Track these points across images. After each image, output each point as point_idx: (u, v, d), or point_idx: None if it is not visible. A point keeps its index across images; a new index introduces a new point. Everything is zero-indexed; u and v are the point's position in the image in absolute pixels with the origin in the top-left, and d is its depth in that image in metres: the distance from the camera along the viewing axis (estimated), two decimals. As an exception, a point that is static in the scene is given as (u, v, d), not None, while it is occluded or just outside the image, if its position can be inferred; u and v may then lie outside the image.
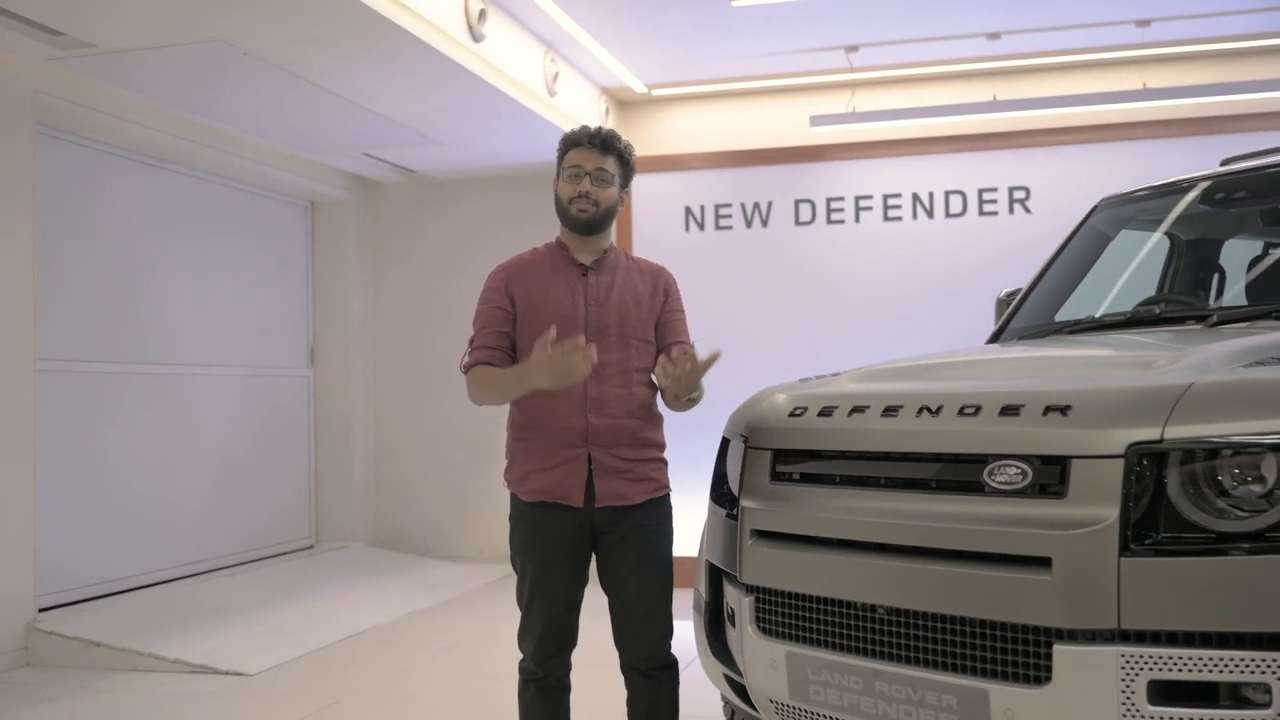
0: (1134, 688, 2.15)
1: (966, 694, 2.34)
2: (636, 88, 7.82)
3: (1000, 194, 7.38)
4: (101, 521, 6.48)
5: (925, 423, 2.56)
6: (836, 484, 2.73)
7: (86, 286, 6.48)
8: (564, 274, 3.18)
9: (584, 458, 3.06)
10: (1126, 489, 2.21)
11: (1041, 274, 4.14)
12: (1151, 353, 2.69)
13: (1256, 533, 2.13)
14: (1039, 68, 7.30)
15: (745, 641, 2.84)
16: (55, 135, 6.24)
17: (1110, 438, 2.25)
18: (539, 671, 3.17)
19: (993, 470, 2.39)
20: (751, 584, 2.83)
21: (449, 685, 5.18)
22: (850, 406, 2.75)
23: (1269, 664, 2.07)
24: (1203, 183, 3.99)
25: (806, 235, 7.71)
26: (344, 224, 8.59)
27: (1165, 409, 2.23)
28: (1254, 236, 4.06)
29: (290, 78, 5.91)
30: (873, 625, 2.53)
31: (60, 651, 5.56)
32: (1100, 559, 2.20)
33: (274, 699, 4.94)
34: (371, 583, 7.42)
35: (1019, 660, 2.28)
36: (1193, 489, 2.19)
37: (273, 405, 8.12)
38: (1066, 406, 2.35)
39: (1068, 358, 2.92)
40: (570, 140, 3.18)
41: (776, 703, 2.77)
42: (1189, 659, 2.12)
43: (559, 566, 3.12)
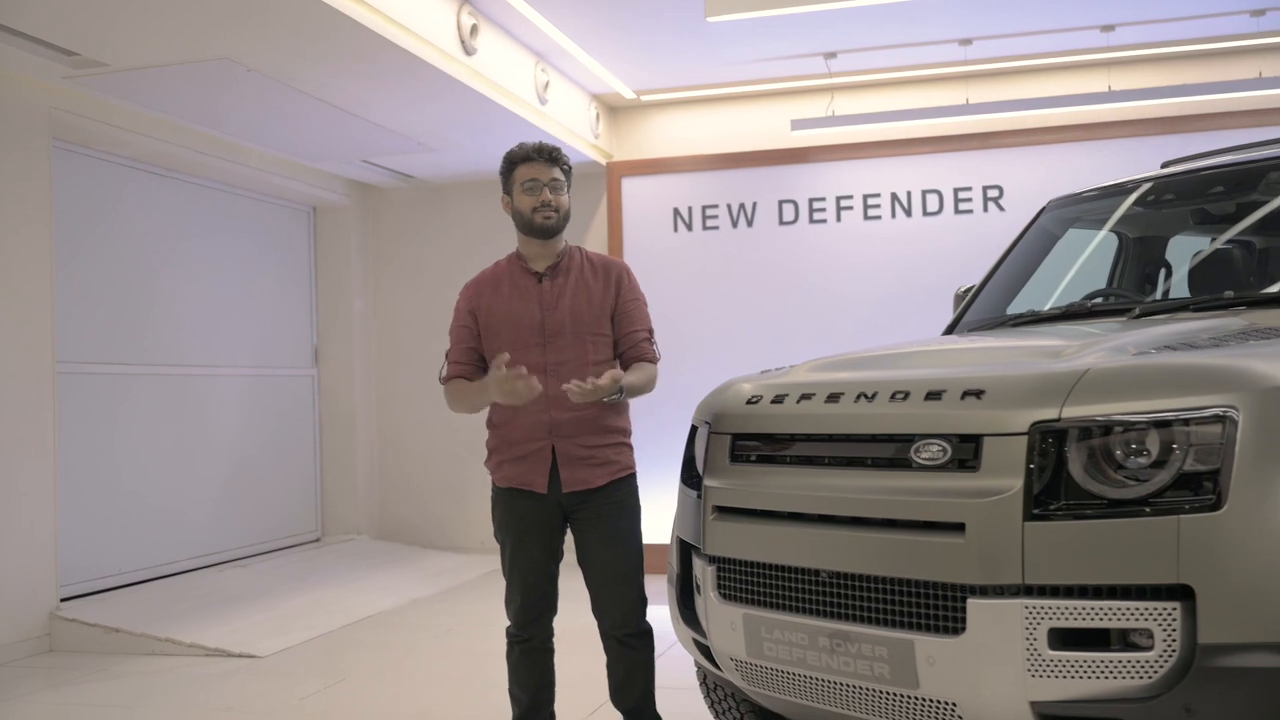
0: (1036, 635, 2.45)
1: (895, 645, 2.65)
2: (626, 94, 8.12)
3: (975, 193, 7.69)
4: (118, 515, 6.80)
5: (862, 407, 2.87)
6: (787, 463, 3.04)
7: (101, 292, 6.80)
8: (520, 284, 3.51)
9: (548, 449, 3.40)
10: (1030, 462, 2.52)
11: (993, 271, 4.45)
12: (1065, 342, 2.99)
13: (1142, 499, 2.43)
14: (1009, 71, 7.59)
15: (708, 607, 3.16)
16: (70, 149, 6.56)
17: (1016, 418, 2.56)
18: (523, 634, 3.52)
19: (918, 448, 2.71)
20: (713, 555, 3.15)
21: (450, 663, 5.50)
22: (799, 394, 3.07)
23: (1152, 612, 2.38)
24: (1144, 184, 4.30)
25: (790, 234, 8.02)
26: (345, 228, 8.90)
27: (1064, 392, 2.55)
28: (1192, 233, 4.36)
29: (291, 91, 6.22)
30: (816, 588, 2.84)
31: (81, 637, 5.88)
32: (1007, 524, 2.51)
33: (284, 678, 5.26)
34: (376, 572, 7.74)
35: (939, 613, 2.59)
36: (1087, 461, 2.49)
37: (279, 404, 8.43)
38: (981, 391, 2.66)
39: (995, 348, 3.22)
40: (519, 157, 3.51)
41: (736, 660, 3.09)
42: (1083, 609, 2.43)
43: (532, 543, 3.47)
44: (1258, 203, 3.95)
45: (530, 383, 3.24)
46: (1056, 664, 2.44)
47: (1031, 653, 2.46)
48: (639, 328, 3.58)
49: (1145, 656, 2.38)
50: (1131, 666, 2.39)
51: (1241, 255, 3.93)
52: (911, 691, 2.63)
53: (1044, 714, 2.48)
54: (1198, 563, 2.35)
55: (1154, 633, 2.38)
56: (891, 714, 2.71)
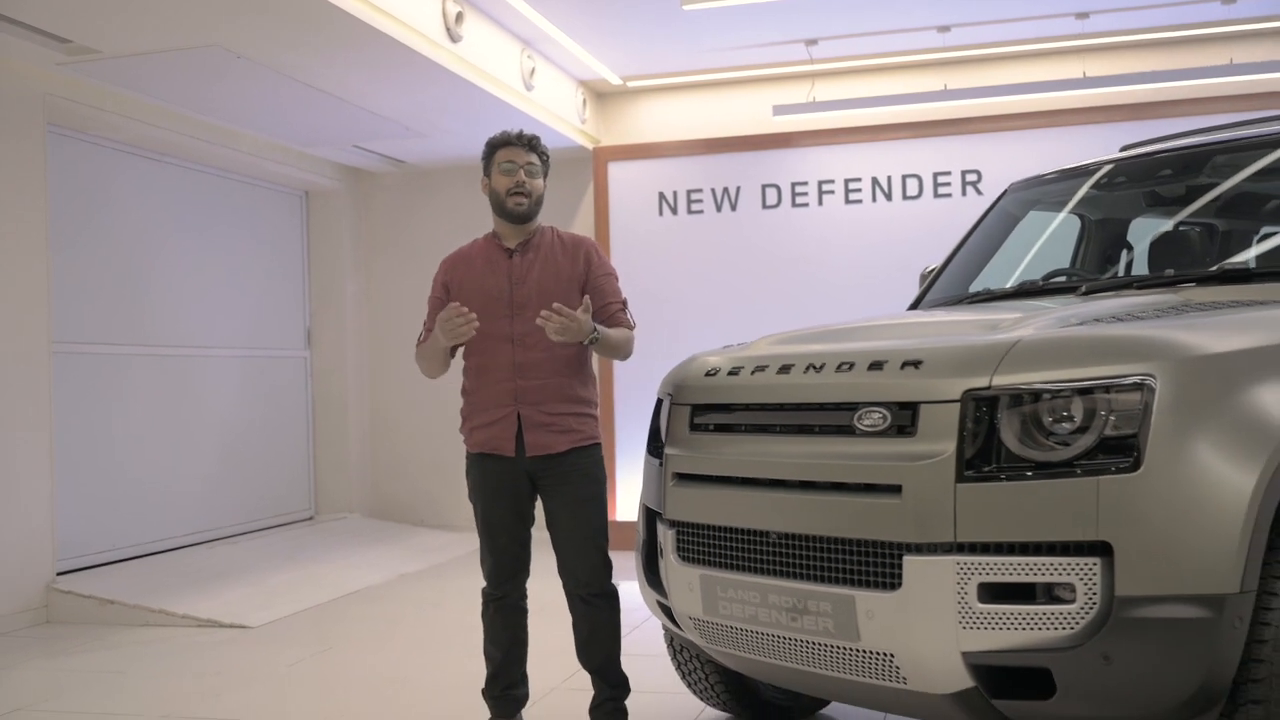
0: (967, 590, 2.62)
1: (838, 600, 2.81)
2: (612, 80, 8.25)
3: (954, 177, 7.84)
4: (113, 493, 6.96)
5: (810, 378, 3.03)
6: (741, 432, 3.21)
7: (97, 274, 6.95)
8: (492, 260, 3.69)
9: (514, 415, 3.57)
10: (962, 427, 2.68)
11: (955, 251, 4.61)
12: (1004, 317, 3.15)
13: (1065, 461, 2.59)
14: (986, 58, 7.73)
15: (669, 569, 3.33)
16: (64, 134, 6.70)
17: (950, 386, 2.72)
18: (497, 593, 3.71)
19: (861, 415, 2.87)
20: (673, 519, 3.32)
21: (433, 633, 5.66)
22: (754, 366, 3.23)
23: (1073, 567, 2.54)
24: (1103, 167, 4.44)
25: (773, 218, 8.17)
26: (337, 212, 9.05)
27: (994, 362, 2.71)
28: (1145, 215, 4.50)
29: (282, 78, 6.36)
30: (767, 548, 3.01)
31: (77, 609, 6.05)
32: (940, 485, 2.67)
33: (274, 646, 5.43)
34: (367, 549, 7.91)
35: (878, 570, 2.76)
36: (1016, 426, 2.65)
37: (272, 384, 8.59)
38: (919, 361, 2.82)
39: (939, 322, 3.37)
40: (499, 142, 3.69)
41: (694, 619, 3.26)
42: (1011, 565, 2.59)
43: (502, 506, 3.66)
44: (1204, 186, 4.10)
45: (468, 318, 3.43)
46: (985, 616, 2.60)
47: (962, 606, 2.62)
48: (611, 299, 3.74)
49: (1068, 609, 2.54)
50: (1055, 618, 2.55)
51: (1189, 236, 4.08)
52: (853, 644, 2.80)
53: (974, 664, 2.64)
54: (1116, 521, 2.51)
55: (1076, 586, 2.54)
56: (835, 666, 2.87)
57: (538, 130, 7.74)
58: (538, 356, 3.59)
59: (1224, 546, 2.48)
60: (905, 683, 2.76)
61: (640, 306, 8.12)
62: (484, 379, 3.63)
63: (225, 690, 4.67)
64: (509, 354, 3.58)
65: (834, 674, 2.90)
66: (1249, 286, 3.42)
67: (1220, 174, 4.05)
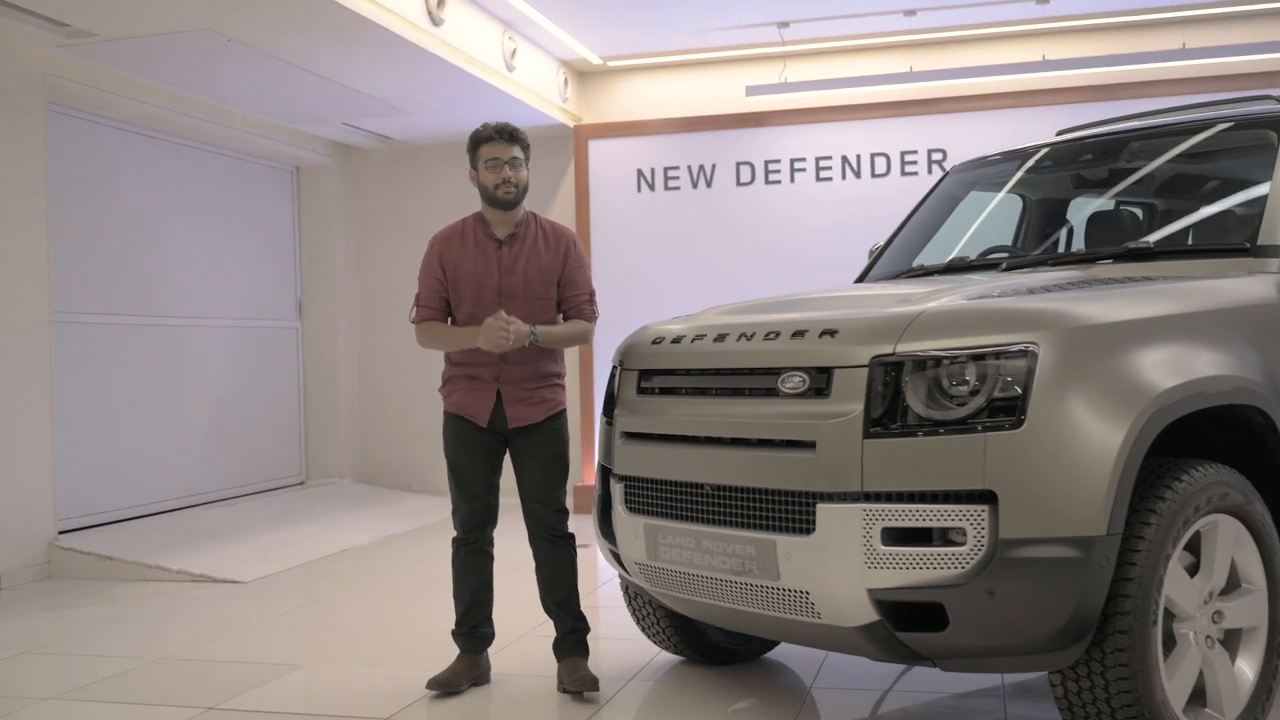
0: (872, 534, 2.95)
1: (761, 544, 3.15)
2: (593, 60, 8.53)
3: (920, 156, 8.14)
4: (112, 456, 7.28)
5: (741, 345, 3.36)
6: (682, 394, 3.54)
7: (95, 247, 7.25)
8: (484, 248, 4.01)
9: (494, 391, 3.94)
10: (869, 389, 3.00)
11: (899, 230, 4.93)
12: (918, 290, 3.46)
13: (959, 420, 2.92)
14: (951, 40, 8.01)
15: (617, 519, 3.67)
16: (64, 112, 6.99)
17: (860, 352, 3.05)
18: (468, 538, 4.08)
19: (784, 379, 3.19)
20: (621, 474, 3.65)
21: (414, 587, 6.00)
22: (694, 335, 3.56)
23: (964, 513, 2.87)
24: (1039, 151, 4.75)
25: (747, 195, 8.48)
26: (327, 187, 9.34)
27: (899, 331, 3.03)
28: (1077, 196, 4.81)
29: (270, 59, 6.64)
30: (701, 499, 3.34)
31: (78, 565, 6.38)
32: (849, 441, 2.99)
33: (263, 599, 5.77)
34: (355, 512, 8.24)
35: (795, 517, 3.09)
36: (917, 388, 2.98)
37: (265, 354, 8.91)
38: (835, 330, 3.15)
39: (865, 295, 3.67)
40: (482, 138, 4.00)
41: (639, 564, 3.60)
42: (910, 511, 2.92)
43: (474, 460, 4.02)
44: (1124, 170, 4.41)
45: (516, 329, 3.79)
46: (888, 557, 2.93)
47: (868, 548, 2.95)
48: (581, 291, 4.08)
49: (959, 550, 2.87)
50: (948, 559, 2.88)
51: (1109, 216, 4.41)
52: (774, 583, 3.14)
53: (878, 599, 2.97)
54: (1001, 472, 2.84)
55: (966, 530, 2.87)
56: (760, 604, 3.21)
57: (520, 110, 8.11)
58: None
59: (1093, 494, 2.80)
60: (820, 617, 3.09)
61: (618, 280, 8.54)
62: (471, 356, 3.98)
63: (217, 637, 5.01)
64: None
65: (759, 611, 3.24)
66: (1150, 264, 3.75)
67: (1138, 159, 4.37)
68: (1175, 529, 2.93)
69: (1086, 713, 2.96)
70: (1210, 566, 3.10)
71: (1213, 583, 3.10)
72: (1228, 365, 3.17)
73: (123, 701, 4.08)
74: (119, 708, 4.01)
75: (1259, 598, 3.20)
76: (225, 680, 4.30)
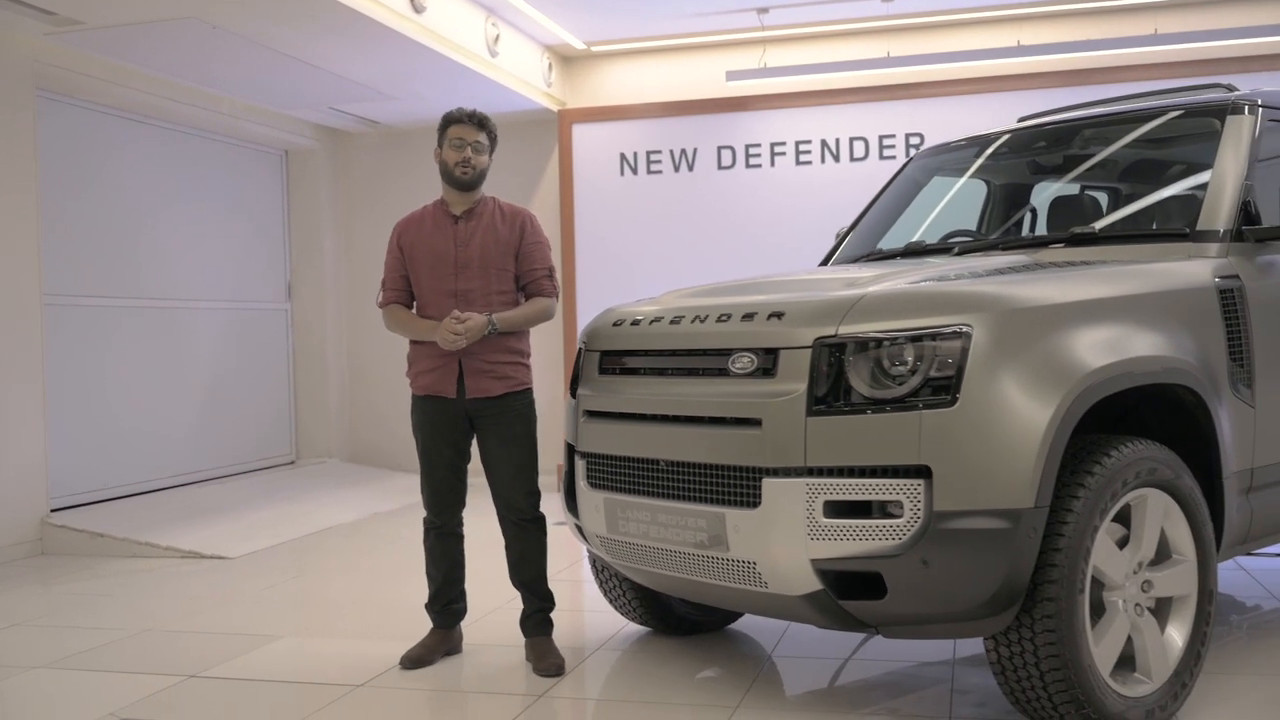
0: (814, 506, 3.09)
1: (711, 517, 3.29)
2: (576, 45, 8.64)
3: (898, 139, 8.26)
4: (104, 436, 7.43)
5: (695, 327, 3.50)
6: (640, 374, 3.68)
7: (86, 231, 7.37)
8: (440, 224, 4.15)
9: (455, 362, 4.04)
10: (813, 369, 3.14)
11: (863, 214, 5.06)
12: (864, 274, 3.60)
13: (897, 398, 3.06)
14: (928, 25, 8.11)
15: (580, 494, 3.82)
16: (54, 98, 7.10)
17: (804, 334, 3.19)
18: (437, 521, 4.20)
19: (734, 360, 3.34)
20: (584, 451, 3.80)
21: (397, 563, 6.14)
22: (652, 317, 3.70)
23: (901, 487, 3.01)
24: (1000, 137, 4.88)
25: (728, 178, 8.60)
26: (316, 171, 9.46)
27: (842, 313, 3.17)
28: (1034, 181, 4.94)
29: (256, 46, 6.76)
30: (657, 474, 3.49)
31: (69, 542, 6.54)
32: (793, 418, 3.14)
33: (249, 574, 5.92)
34: (343, 490, 8.40)
35: (743, 491, 3.23)
36: (857, 368, 3.12)
37: (255, 336, 9.05)
38: (782, 313, 3.29)
39: (816, 279, 3.79)
40: (453, 118, 4.15)
41: (600, 537, 3.75)
42: (851, 485, 3.07)
43: (442, 442, 4.13)
44: (1078, 157, 4.55)
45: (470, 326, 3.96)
46: (830, 529, 3.08)
47: (811, 520, 3.10)
48: (539, 266, 4.19)
49: (896, 522, 3.02)
50: (886, 530, 3.02)
51: (1063, 201, 4.54)
52: (724, 554, 3.28)
53: (821, 569, 3.12)
54: (935, 448, 2.99)
55: (903, 503, 3.01)
56: (711, 574, 3.36)
57: (504, 95, 8.24)
58: (477, 311, 4.04)
59: (1022, 469, 2.95)
60: (767, 587, 3.24)
61: (601, 262, 8.68)
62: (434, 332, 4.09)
63: (201, 610, 5.17)
64: (452, 308, 4.04)
65: (710, 581, 3.39)
66: (1097, 248, 3.88)
67: (1092, 146, 4.51)
68: (1103, 502, 3.08)
69: (1018, 676, 3.11)
70: (1139, 538, 3.24)
71: (1142, 553, 3.25)
72: (1159, 346, 3.32)
73: (107, 670, 4.23)
74: (103, 676, 4.16)
75: (1189, 568, 3.35)
76: (207, 650, 4.45)
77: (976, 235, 4.85)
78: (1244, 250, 3.76)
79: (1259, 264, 3.78)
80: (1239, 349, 3.58)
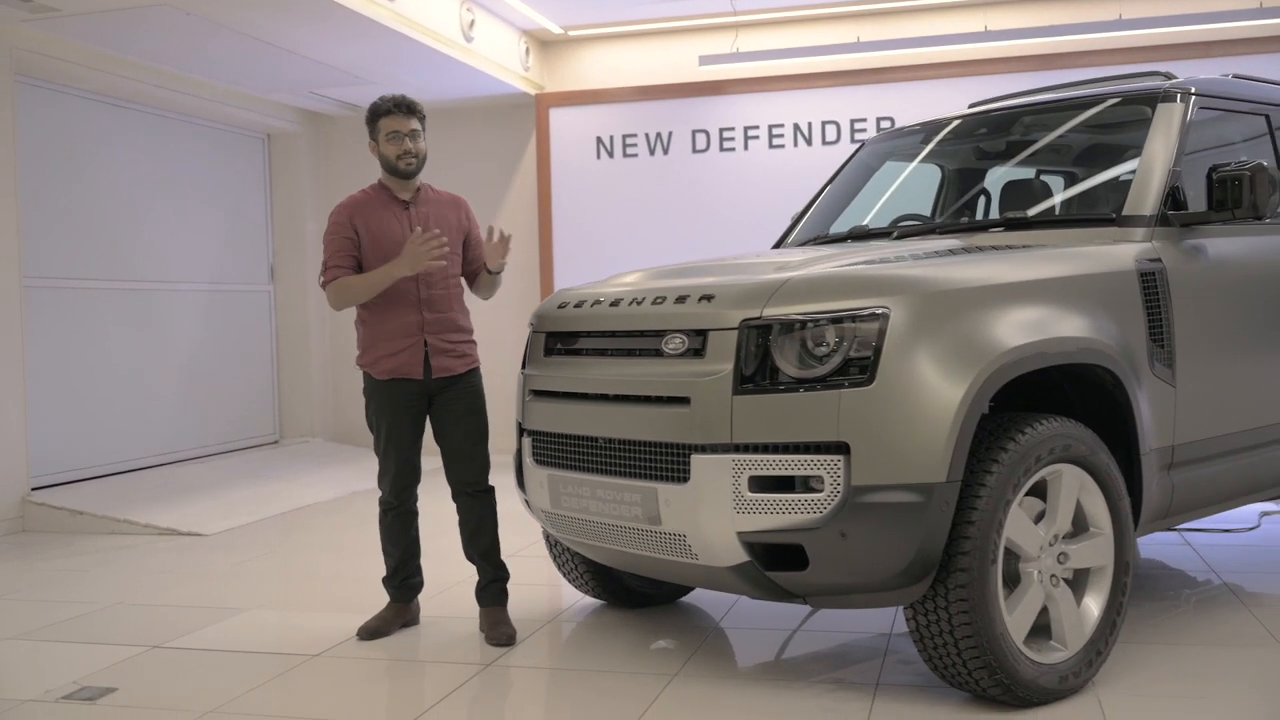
0: (740, 481, 3.22)
1: (644, 492, 3.43)
2: (554, 29, 8.75)
3: (869, 123, 8.37)
4: (86, 417, 7.56)
5: (632, 309, 3.63)
6: (582, 355, 3.81)
7: (67, 214, 7.49)
8: (392, 209, 4.25)
9: (421, 343, 4.15)
10: (739, 350, 3.27)
11: (815, 198, 5.18)
12: (794, 258, 3.73)
13: (819, 377, 3.19)
14: (897, 10, 8.22)
15: (526, 471, 3.96)
16: (32, 84, 7.21)
17: (731, 316, 3.32)
18: (395, 502, 4.33)
19: (666, 341, 3.46)
20: (530, 429, 3.94)
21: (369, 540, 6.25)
22: (594, 300, 3.83)
23: (822, 463, 3.14)
24: (949, 123, 4.99)
25: (703, 161, 8.73)
26: (297, 154, 9.58)
27: (767, 296, 3.29)
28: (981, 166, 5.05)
29: (231, 33, 6.87)
30: (595, 451, 3.62)
31: (50, 519, 6.69)
32: (720, 397, 3.27)
33: (223, 551, 6.07)
34: (324, 469, 8.54)
35: (673, 466, 3.37)
36: (782, 349, 3.24)
37: (238, 317, 9.18)
38: (712, 295, 3.41)
39: (752, 263, 3.89)
40: (380, 110, 4.23)
41: (544, 511, 3.89)
42: (775, 461, 3.20)
43: (405, 424, 4.25)
44: (1020, 143, 4.67)
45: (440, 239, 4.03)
46: (755, 503, 3.21)
47: (737, 495, 3.23)
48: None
49: (817, 496, 3.15)
50: (808, 504, 3.16)
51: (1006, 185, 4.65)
52: (656, 527, 3.42)
53: (747, 541, 3.25)
54: (853, 425, 3.12)
55: (824, 478, 3.15)
56: (645, 546, 3.50)
57: (480, 79, 8.35)
58: (439, 293, 4.18)
59: (934, 445, 3.08)
60: (697, 558, 3.38)
61: (578, 245, 8.80)
62: (390, 313, 4.18)
63: (173, 585, 5.31)
64: (415, 290, 4.16)
65: (645, 553, 3.53)
66: (1030, 233, 4.01)
67: (1033, 132, 4.63)
68: (1016, 477, 3.21)
69: (935, 643, 3.25)
70: (1055, 512, 3.38)
71: (1057, 526, 3.38)
72: (1076, 328, 3.44)
73: (76, 641, 4.38)
74: (72, 646, 4.31)
75: (1105, 540, 3.49)
76: (173, 622, 4.60)
77: (929, 218, 4.96)
78: (1169, 235, 3.88)
79: (1184, 248, 3.91)
80: (1159, 330, 3.71)
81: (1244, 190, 3.80)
